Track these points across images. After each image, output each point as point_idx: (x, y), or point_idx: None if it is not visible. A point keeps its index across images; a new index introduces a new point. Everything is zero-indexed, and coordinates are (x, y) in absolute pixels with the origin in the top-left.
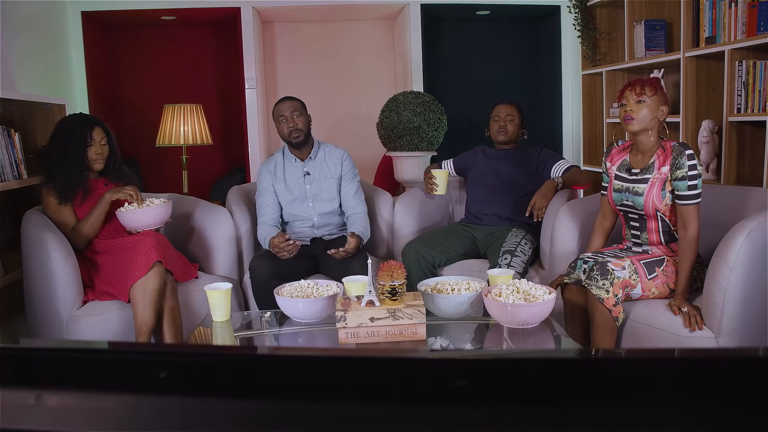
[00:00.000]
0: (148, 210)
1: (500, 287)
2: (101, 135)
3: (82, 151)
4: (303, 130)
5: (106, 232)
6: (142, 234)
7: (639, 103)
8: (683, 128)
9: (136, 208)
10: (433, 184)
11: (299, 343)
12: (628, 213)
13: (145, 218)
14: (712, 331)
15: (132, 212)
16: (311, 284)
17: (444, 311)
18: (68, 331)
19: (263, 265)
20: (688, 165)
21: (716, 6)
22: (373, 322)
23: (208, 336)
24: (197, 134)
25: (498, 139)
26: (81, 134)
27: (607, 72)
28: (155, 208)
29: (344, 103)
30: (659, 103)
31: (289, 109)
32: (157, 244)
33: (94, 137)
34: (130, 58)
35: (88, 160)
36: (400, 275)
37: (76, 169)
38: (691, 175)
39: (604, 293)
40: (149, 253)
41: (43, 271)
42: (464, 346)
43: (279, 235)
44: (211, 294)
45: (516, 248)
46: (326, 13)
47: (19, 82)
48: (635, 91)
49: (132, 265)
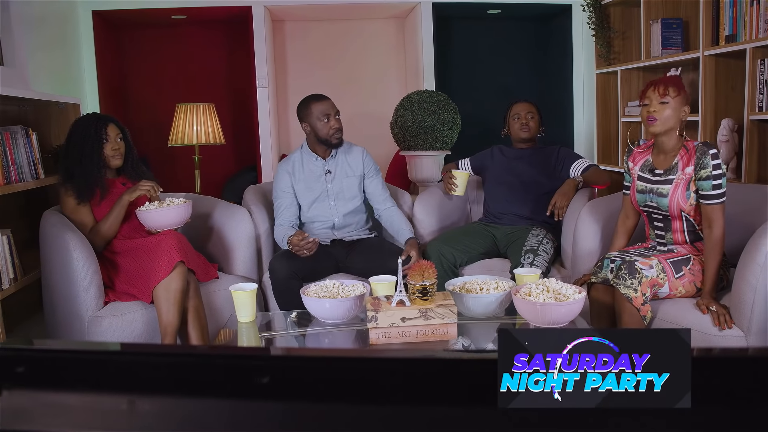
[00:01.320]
0: (168, 210)
1: (530, 286)
2: (116, 131)
3: (98, 148)
4: (342, 132)
5: (126, 231)
6: (163, 234)
7: (662, 104)
8: (702, 127)
9: (156, 207)
10: (452, 185)
11: (325, 343)
12: (652, 213)
13: (165, 218)
14: (742, 329)
15: (152, 212)
16: (336, 284)
17: (473, 311)
18: (90, 333)
19: (283, 265)
20: (712, 164)
21: (737, 4)
22: (404, 322)
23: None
24: (210, 134)
25: (521, 136)
26: (96, 132)
27: (622, 71)
28: (176, 207)
29: (355, 102)
30: (682, 103)
31: (333, 109)
32: (179, 244)
33: (109, 134)
34: (141, 57)
35: (105, 158)
36: (431, 275)
37: (93, 167)
38: (715, 175)
39: (633, 292)
40: (171, 254)
41: (64, 271)
42: (490, 345)
43: (297, 233)
44: (237, 294)
45: (538, 247)
46: (337, 12)
47: (30, 82)
48: (659, 91)
49: (154, 265)
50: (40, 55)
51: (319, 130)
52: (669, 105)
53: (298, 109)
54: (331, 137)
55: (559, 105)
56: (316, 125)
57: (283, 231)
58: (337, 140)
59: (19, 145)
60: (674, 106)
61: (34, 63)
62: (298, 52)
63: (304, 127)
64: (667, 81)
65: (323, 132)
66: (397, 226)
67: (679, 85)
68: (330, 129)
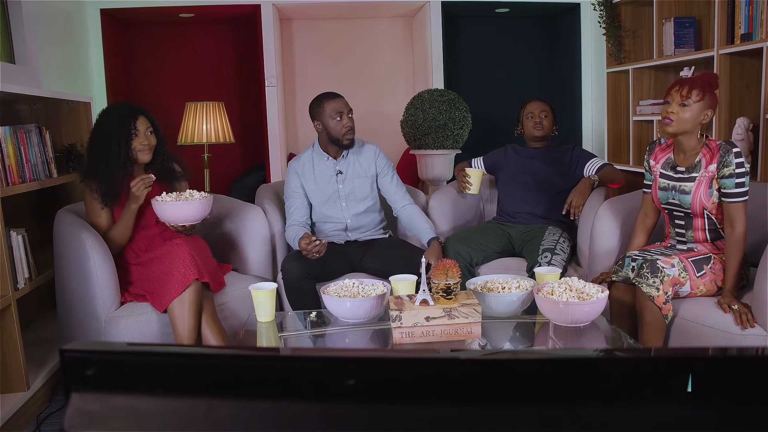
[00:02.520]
0: (187, 204)
1: (552, 285)
2: (146, 125)
3: (126, 144)
4: (355, 133)
5: (141, 243)
6: (178, 243)
7: (683, 106)
8: (717, 126)
9: (173, 199)
10: (467, 183)
11: (346, 343)
12: (673, 211)
13: (182, 213)
14: (764, 328)
15: (170, 204)
16: (356, 283)
17: (495, 310)
18: (107, 333)
19: (295, 265)
20: (735, 162)
21: (753, 3)
22: (428, 321)
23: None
24: (219, 132)
25: (535, 134)
26: (124, 126)
27: (634, 70)
28: (195, 202)
29: (363, 100)
30: (705, 107)
31: (347, 108)
32: (192, 258)
33: (139, 128)
34: (149, 55)
35: (133, 153)
36: (454, 274)
37: (120, 166)
38: (738, 173)
39: (655, 291)
40: (186, 271)
41: (80, 271)
42: (510, 345)
43: (305, 236)
44: (256, 294)
45: (555, 246)
46: (345, 11)
47: (41, 80)
48: (681, 93)
49: (168, 279)
50: (49, 54)
51: (331, 129)
52: (689, 108)
53: (311, 107)
54: (342, 137)
55: (567, 103)
56: (328, 123)
57: (294, 231)
58: (348, 141)
59: (32, 144)
60: (694, 110)
61: (43, 61)
62: (306, 51)
63: (316, 126)
64: (694, 83)
65: (335, 131)
66: (417, 225)
67: (705, 89)
68: (343, 128)
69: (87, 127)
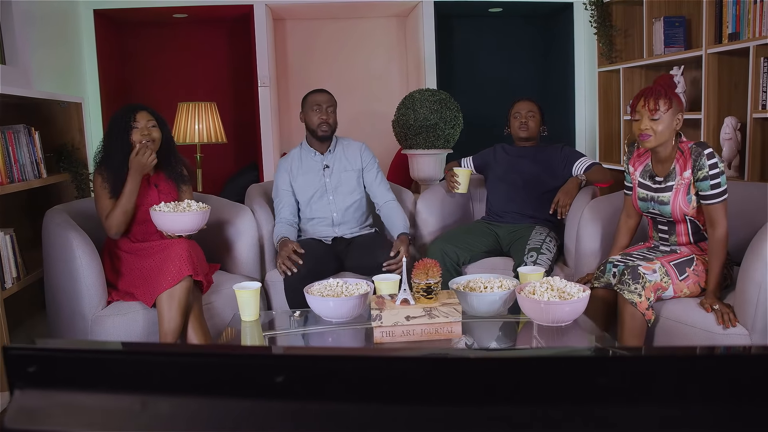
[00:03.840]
0: (185, 215)
1: (534, 285)
2: (147, 118)
3: (125, 137)
4: (332, 127)
5: (139, 233)
6: (178, 240)
7: (654, 120)
8: (705, 125)
9: (171, 210)
10: (455, 183)
11: (329, 342)
12: (656, 218)
13: (179, 223)
14: (746, 328)
15: (167, 214)
16: (340, 282)
17: (477, 309)
18: (93, 332)
19: (296, 265)
20: (708, 164)
21: (740, 2)
22: (409, 320)
23: (230, 334)
24: (212, 132)
25: (520, 135)
26: (124, 121)
27: (625, 69)
28: (192, 214)
29: (356, 100)
30: (675, 113)
31: (327, 102)
32: (189, 256)
33: (138, 120)
34: (143, 56)
35: (134, 146)
36: (435, 273)
37: (120, 159)
38: (712, 174)
39: (637, 297)
40: (181, 265)
41: (67, 270)
42: (493, 344)
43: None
44: (240, 293)
45: (542, 246)
46: (338, 11)
47: (33, 81)
48: (648, 108)
49: (162, 272)
50: (42, 54)
51: (309, 120)
52: (661, 120)
53: (301, 102)
54: (317, 128)
55: (560, 103)
56: (308, 114)
57: (280, 229)
58: (323, 132)
59: (21, 144)
60: (666, 120)
61: (35, 62)
62: (299, 51)
63: (300, 118)
64: (658, 94)
65: (312, 121)
66: (392, 221)
67: (670, 95)
68: (318, 119)
69: (78, 127)
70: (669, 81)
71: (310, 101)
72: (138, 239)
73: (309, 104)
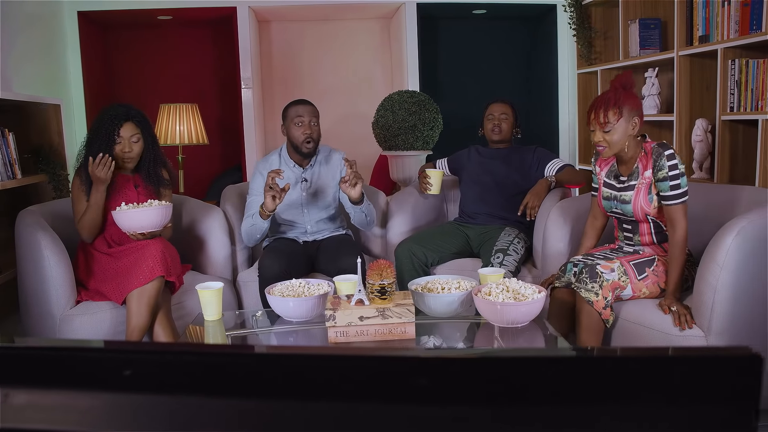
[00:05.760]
0: (143, 211)
1: (490, 286)
2: (131, 131)
3: (107, 150)
4: (316, 141)
5: (116, 235)
6: (153, 240)
7: (607, 132)
8: (677, 127)
9: (132, 208)
10: (427, 184)
11: (290, 341)
12: (620, 218)
13: (139, 220)
14: (702, 330)
15: (127, 212)
16: (303, 283)
17: (434, 310)
18: (61, 331)
19: (273, 264)
20: (668, 165)
21: (710, 4)
22: (362, 321)
23: (199, 333)
24: (193, 134)
25: (492, 137)
26: (107, 131)
27: (603, 71)
28: (152, 209)
29: (341, 102)
30: (628, 119)
31: (310, 114)
32: (163, 256)
33: (122, 135)
34: (127, 57)
35: (117, 159)
36: (389, 274)
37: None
38: (672, 175)
39: (594, 296)
40: (154, 265)
41: (36, 270)
42: (455, 345)
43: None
44: (203, 293)
45: (508, 247)
46: (323, 13)
47: (15, 82)
48: (599, 121)
49: (134, 271)
50: (25, 56)
51: (291, 135)
52: (613, 131)
53: (282, 112)
54: (301, 144)
55: (545, 104)
56: (290, 128)
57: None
58: (307, 149)
59: None
60: (619, 130)
61: (18, 63)
62: (284, 53)
63: (282, 131)
64: (607, 105)
65: (295, 137)
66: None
67: (619, 103)
68: (302, 135)
69: (57, 128)
70: (625, 80)
71: (292, 114)
72: (115, 241)
73: (290, 117)
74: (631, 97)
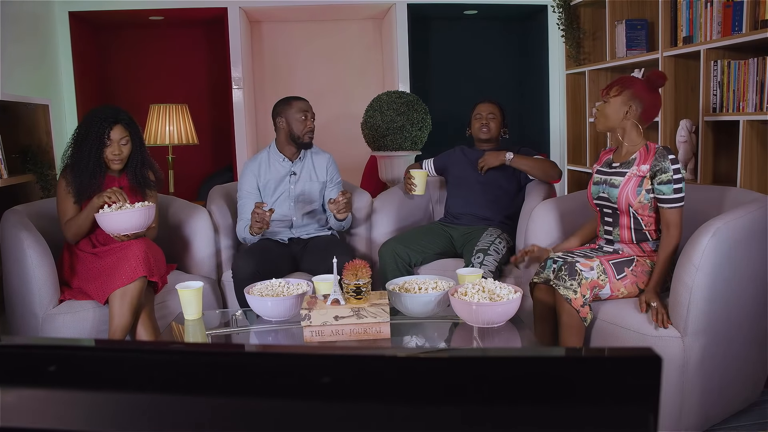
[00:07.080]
0: (125, 213)
1: (466, 286)
2: (121, 134)
3: (97, 152)
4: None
5: (101, 236)
6: (136, 241)
7: (604, 103)
8: (662, 127)
9: (115, 210)
10: (411, 184)
11: (268, 340)
12: (603, 207)
13: (122, 222)
14: (678, 330)
15: (110, 214)
16: (282, 283)
17: (411, 310)
18: (44, 330)
19: (247, 264)
20: (672, 169)
21: (693, 5)
22: (337, 320)
23: (179, 332)
24: (183, 134)
25: (480, 136)
26: (97, 134)
27: (590, 71)
28: (134, 210)
29: (333, 103)
30: (625, 100)
31: (311, 110)
32: (146, 257)
33: (112, 137)
34: (118, 58)
35: (105, 160)
36: (364, 274)
37: (90, 170)
38: (676, 179)
39: (572, 293)
40: (137, 265)
41: (20, 270)
42: (431, 344)
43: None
44: (183, 293)
45: (489, 247)
46: (314, 13)
47: (5, 82)
48: (602, 92)
49: (117, 270)
50: (16, 56)
51: (294, 127)
52: (608, 104)
53: (276, 105)
54: (304, 135)
55: (536, 105)
56: (292, 121)
57: (245, 224)
58: (309, 139)
59: None
60: (613, 105)
61: (9, 63)
62: (275, 54)
63: (279, 122)
64: (614, 82)
65: (298, 129)
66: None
67: (624, 84)
68: (306, 128)
69: (45, 128)
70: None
71: (296, 108)
72: (99, 242)
73: (293, 111)
74: (644, 88)
